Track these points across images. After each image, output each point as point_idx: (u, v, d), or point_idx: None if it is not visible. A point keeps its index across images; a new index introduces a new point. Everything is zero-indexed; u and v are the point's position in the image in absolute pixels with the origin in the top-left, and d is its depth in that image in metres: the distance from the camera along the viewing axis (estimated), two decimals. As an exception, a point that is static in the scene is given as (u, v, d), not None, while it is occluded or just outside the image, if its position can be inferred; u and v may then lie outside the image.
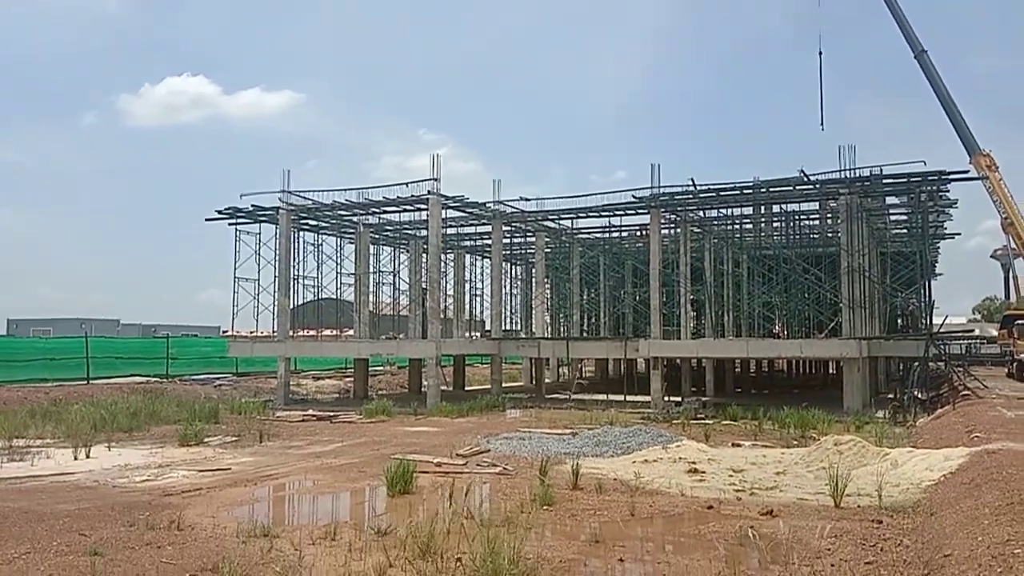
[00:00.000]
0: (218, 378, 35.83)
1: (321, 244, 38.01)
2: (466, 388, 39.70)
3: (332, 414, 25.88)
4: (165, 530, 9.73)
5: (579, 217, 36.89)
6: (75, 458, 16.05)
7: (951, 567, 6.91)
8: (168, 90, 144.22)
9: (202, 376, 35.73)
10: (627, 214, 35.65)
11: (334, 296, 39.61)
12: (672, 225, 35.75)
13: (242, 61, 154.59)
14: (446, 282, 40.76)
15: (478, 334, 45.91)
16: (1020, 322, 35.54)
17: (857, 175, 28.55)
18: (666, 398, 29.70)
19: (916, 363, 29.63)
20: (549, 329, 46.07)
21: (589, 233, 42.58)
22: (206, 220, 35.05)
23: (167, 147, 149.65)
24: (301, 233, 36.53)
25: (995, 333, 53.01)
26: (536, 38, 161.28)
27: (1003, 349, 42.65)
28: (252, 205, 33.73)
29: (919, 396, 27.27)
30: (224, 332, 46.28)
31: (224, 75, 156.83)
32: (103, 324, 69.57)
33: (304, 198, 33.29)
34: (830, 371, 49.09)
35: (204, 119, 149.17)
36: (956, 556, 7.20)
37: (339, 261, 38.64)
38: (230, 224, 34.67)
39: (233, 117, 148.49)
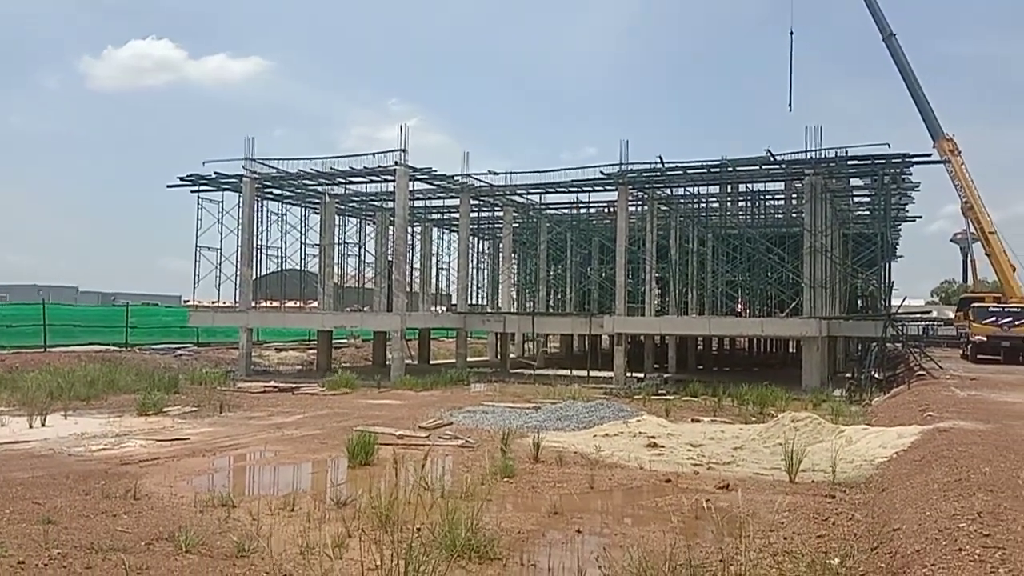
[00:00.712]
0: (178, 348, 35.36)
1: (285, 214, 37.57)
2: (431, 362, 39.69)
3: (294, 386, 25.74)
4: (121, 499, 9.62)
5: (547, 192, 36.90)
6: (30, 426, 15.77)
7: (900, 540, 7.08)
8: (132, 53, 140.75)
9: (162, 346, 35.21)
10: (595, 190, 35.77)
11: (298, 267, 39.20)
12: (639, 203, 35.91)
13: (210, 26, 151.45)
14: (413, 255, 40.62)
15: (444, 308, 45.84)
16: (976, 305, 36.29)
17: (823, 156, 28.85)
18: (629, 374, 29.98)
19: (874, 343, 30.22)
20: (515, 304, 46.16)
21: (557, 209, 42.61)
22: (168, 187, 34.53)
23: (130, 112, 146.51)
24: (265, 202, 36.08)
25: (952, 315, 54.17)
26: (509, 11, 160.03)
27: (959, 331, 43.59)
28: (215, 172, 33.22)
29: (876, 376, 27.87)
30: (185, 301, 45.56)
31: (191, 40, 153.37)
32: (61, 291, 68.13)
33: (268, 166, 32.82)
34: (790, 350, 49.87)
35: (169, 84, 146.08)
36: (905, 530, 7.38)
37: (304, 231, 38.25)
38: (192, 191, 34.10)
39: (199, 83, 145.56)
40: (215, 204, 34.12)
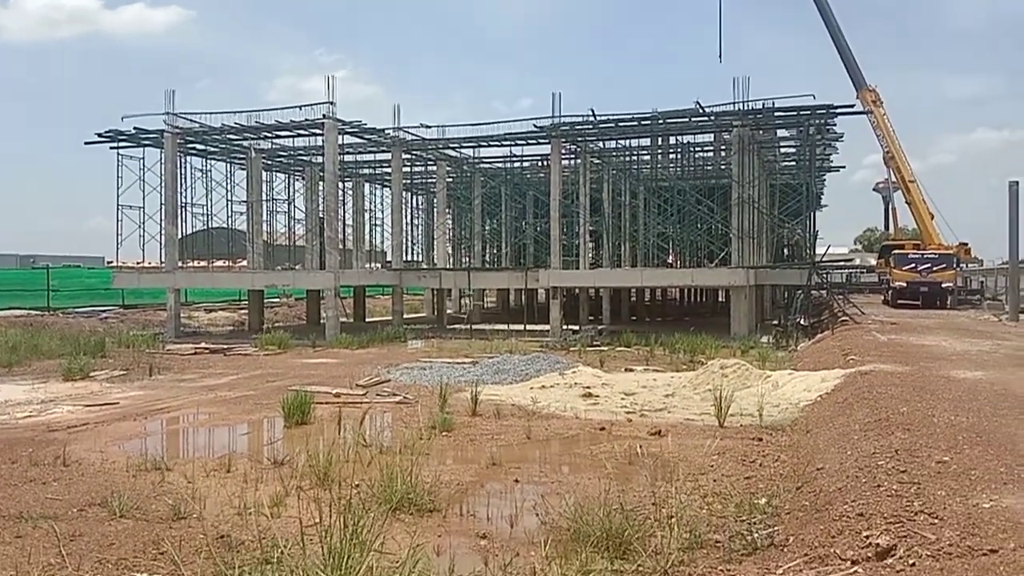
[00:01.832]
0: (104, 311, 34.30)
1: (210, 170, 36.47)
2: (367, 320, 39.43)
3: (226, 347, 25.31)
4: (50, 466, 9.39)
5: (481, 146, 36.70)
6: (-52, 395, 15.20)
7: (823, 479, 7.41)
8: (43, 3, 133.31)
9: (87, 309, 34.10)
10: (528, 144, 35.72)
11: (225, 225, 38.23)
12: (573, 156, 35.96)
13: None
14: (344, 211, 40.04)
15: (379, 265, 45.42)
16: (897, 252, 37.61)
17: (750, 108, 29.30)
18: (564, 327, 30.33)
19: (800, 291, 31.14)
20: (451, 260, 46.04)
21: (491, 163, 42.42)
22: (85, 144, 33.09)
23: (44, 65, 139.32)
24: (189, 158, 34.97)
25: (874, 263, 56.07)
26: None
27: (881, 278, 45.17)
28: (135, 128, 31.95)
29: (801, 322, 28.76)
30: (109, 263, 44.10)
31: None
32: (-25, 255, 65.14)
33: (191, 121, 31.74)
34: (720, 299, 51.07)
35: (84, 35, 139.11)
36: (827, 469, 7.73)
37: (230, 188, 37.28)
38: (111, 148, 32.78)
39: (116, 34, 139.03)
40: (136, 161, 32.95)
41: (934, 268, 34.41)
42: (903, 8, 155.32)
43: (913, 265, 34.84)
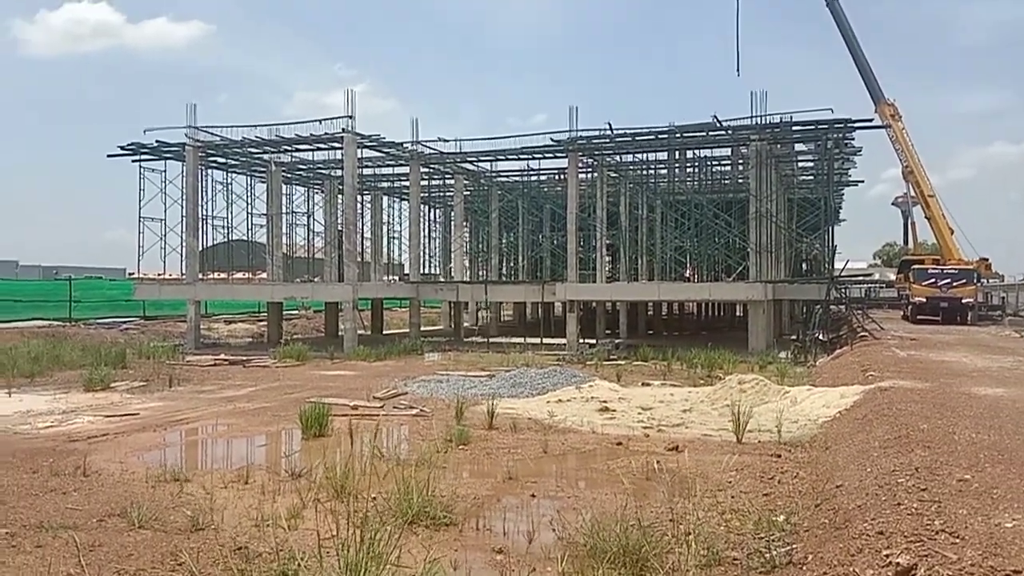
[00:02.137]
0: (125, 322, 34.62)
1: (231, 183, 36.89)
2: (384, 332, 39.55)
3: (245, 358, 25.45)
4: (70, 476, 9.48)
5: (498, 159, 36.74)
6: (-29, 405, 15.39)
7: (842, 496, 7.34)
8: (68, 18, 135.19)
9: (108, 320, 34.43)
10: (545, 158, 35.78)
11: (245, 238, 38.55)
12: (589, 169, 36.03)
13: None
14: (363, 224, 40.24)
15: (396, 277, 45.59)
16: (916, 267, 37.32)
17: (768, 122, 29.25)
18: (581, 340, 30.28)
19: (818, 306, 30.94)
20: (468, 273, 46.13)
21: (508, 176, 42.55)
22: (108, 156, 33.53)
23: (68, 79, 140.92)
24: (209, 171, 35.37)
25: (893, 277, 55.62)
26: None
27: (900, 293, 44.81)
28: (157, 141, 32.37)
29: (820, 337, 28.58)
30: (130, 274, 44.54)
31: (129, 3, 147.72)
32: (1, 266, 66.01)
33: (212, 134, 32.07)
34: (737, 313, 50.81)
35: (107, 49, 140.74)
36: (847, 486, 7.66)
37: (250, 201, 37.59)
38: (133, 161, 33.28)
39: (139, 48, 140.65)
40: (158, 174, 33.45)
41: (954, 283, 34.11)
42: (916, 23, 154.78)
43: (933, 280, 34.55)
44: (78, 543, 6.62)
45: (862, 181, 65.16)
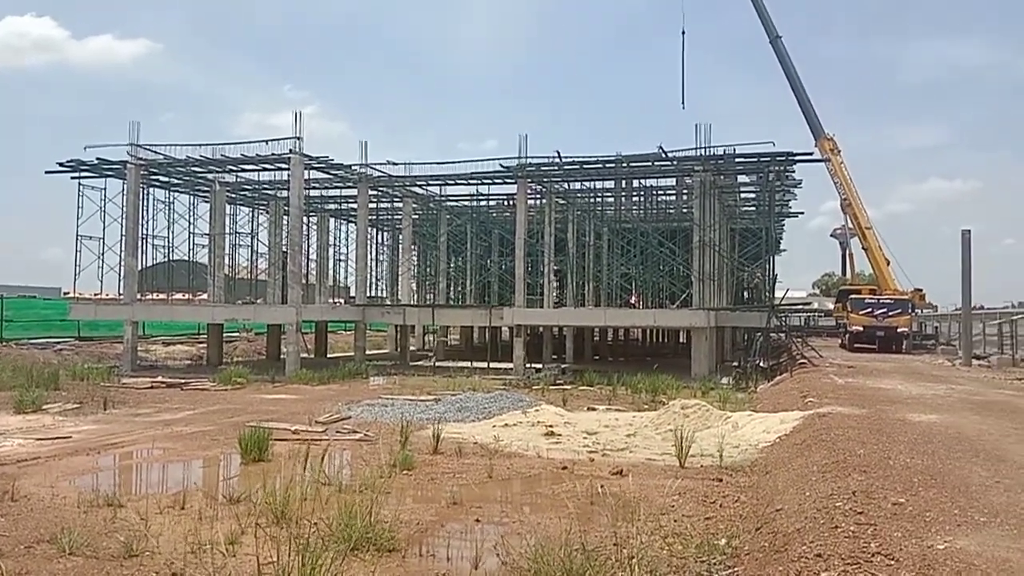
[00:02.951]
0: (59, 342, 33.54)
1: (173, 202, 36.12)
2: (328, 355, 39.06)
3: (183, 381, 24.83)
4: (-4, 502, 9.11)
5: (447, 184, 36.79)
6: None
7: (781, 519, 7.46)
8: (9, 31, 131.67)
9: (41, 340, 33.31)
10: (495, 183, 35.94)
11: (186, 258, 37.79)
12: (538, 196, 36.31)
13: (95, 4, 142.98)
14: (308, 246, 39.77)
15: (342, 300, 45.13)
16: (854, 296, 38.37)
17: (712, 154, 29.90)
18: (528, 365, 30.33)
19: (759, 333, 31.55)
20: (415, 296, 45.93)
21: (457, 201, 42.65)
22: (46, 173, 32.67)
23: (6, 93, 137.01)
24: (151, 190, 34.61)
25: (832, 307, 57.07)
26: (404, 3, 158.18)
27: (838, 322, 45.98)
28: (97, 158, 31.64)
29: (761, 364, 29.12)
30: (65, 293, 43.24)
31: (74, 18, 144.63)
32: (-76, 283, 63.43)
33: (155, 152, 31.48)
34: (681, 340, 51.46)
35: (49, 64, 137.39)
36: (786, 510, 7.79)
37: (192, 221, 36.90)
38: (73, 178, 32.40)
39: (82, 64, 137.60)
40: (98, 191, 32.60)
41: (890, 313, 35.12)
42: (858, 62, 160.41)
43: (870, 310, 35.53)
44: (3, 570, 6.36)
45: (802, 212, 66.93)
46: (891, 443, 10.49)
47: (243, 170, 33.27)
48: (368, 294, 38.81)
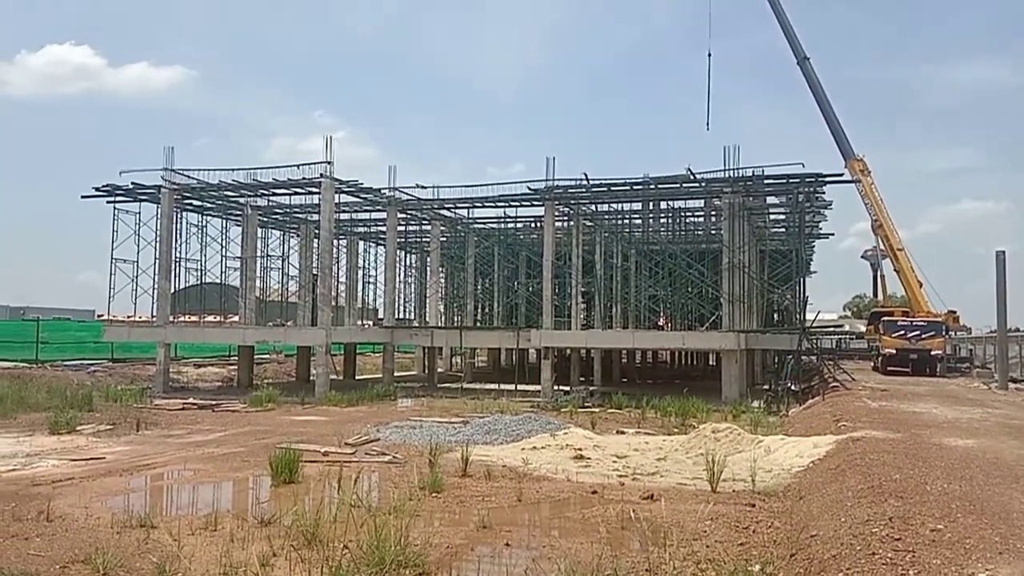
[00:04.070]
0: (92, 364, 34.04)
1: (206, 226, 36.71)
2: (357, 377, 39.19)
3: (214, 403, 25.08)
4: (33, 521, 9.25)
5: (475, 207, 36.98)
6: (-69, 448, 14.98)
7: (816, 546, 7.35)
8: (49, 59, 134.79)
9: (75, 362, 33.85)
10: (522, 206, 36.04)
11: (218, 280, 38.28)
12: (565, 218, 36.37)
13: (132, 32, 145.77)
14: (338, 268, 40.11)
15: (370, 322, 45.38)
16: (886, 319, 37.84)
17: (740, 175, 29.76)
18: (555, 387, 30.22)
19: (790, 356, 31.19)
20: (442, 318, 46.06)
21: (485, 223, 42.82)
22: (83, 197, 33.34)
23: (45, 120, 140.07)
24: (185, 214, 35.20)
25: (863, 329, 56.31)
26: (436, 26, 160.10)
27: (870, 344, 45.31)
28: (132, 183, 32.25)
29: (792, 387, 28.75)
30: (99, 316, 43.94)
31: (112, 46, 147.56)
32: (-35, 306, 64.81)
33: (189, 177, 32.04)
34: (710, 362, 51.02)
35: (87, 91, 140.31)
36: (821, 536, 7.67)
37: (224, 244, 37.41)
38: (108, 202, 33.06)
39: (118, 91, 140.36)
40: (132, 216, 33.18)
41: (923, 336, 34.56)
42: (887, 83, 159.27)
43: (902, 332, 35.00)
44: (40, 591, 6.44)
45: (832, 234, 66.13)
46: (927, 468, 10.31)
47: (275, 194, 33.71)
48: (396, 316, 39.01)
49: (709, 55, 49.58)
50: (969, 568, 5.88)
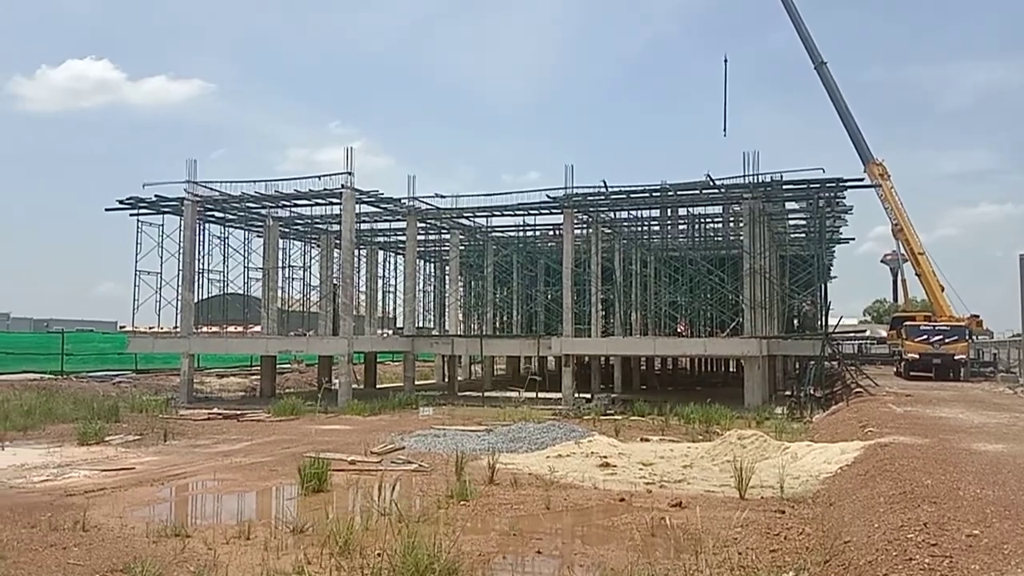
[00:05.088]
0: (117, 375, 34.42)
1: (227, 237, 37.05)
2: (377, 386, 39.36)
3: (239, 412, 25.27)
4: (70, 531, 9.38)
5: (494, 215, 37.08)
6: (-36, 459, 15.21)
7: (851, 552, 7.34)
8: (69, 74, 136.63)
9: (100, 373, 34.25)
10: (541, 214, 36.10)
11: (240, 291, 38.60)
12: (584, 225, 36.37)
13: (151, 46, 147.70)
14: (358, 278, 40.31)
15: (390, 331, 45.56)
16: (908, 324, 37.56)
17: (759, 180, 29.65)
18: (577, 394, 30.20)
19: (812, 362, 31.01)
20: (462, 327, 46.16)
21: (503, 231, 42.92)
22: (106, 210, 33.71)
23: (66, 134, 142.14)
24: (207, 225, 35.53)
25: (885, 334, 55.88)
26: (448, 36, 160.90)
27: (892, 349, 45.00)
28: (155, 195, 32.60)
29: (814, 393, 28.57)
30: (122, 327, 44.38)
31: (131, 61, 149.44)
32: (-9, 318, 65.80)
33: (211, 189, 32.36)
34: (730, 369, 50.80)
35: (107, 105, 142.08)
36: (855, 542, 7.65)
37: (246, 255, 37.75)
38: (131, 215, 33.43)
39: (138, 104, 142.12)
40: (155, 228, 33.53)
41: (946, 340, 34.30)
42: (904, 86, 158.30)
43: (925, 337, 34.75)
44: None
45: (853, 239, 65.74)
46: (959, 473, 10.25)
47: (296, 205, 33.97)
48: (416, 325, 39.14)
49: (725, 60, 49.64)
50: (1009, 574, 5.87)
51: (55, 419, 21.40)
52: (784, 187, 30.54)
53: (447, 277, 43.94)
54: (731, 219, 38.43)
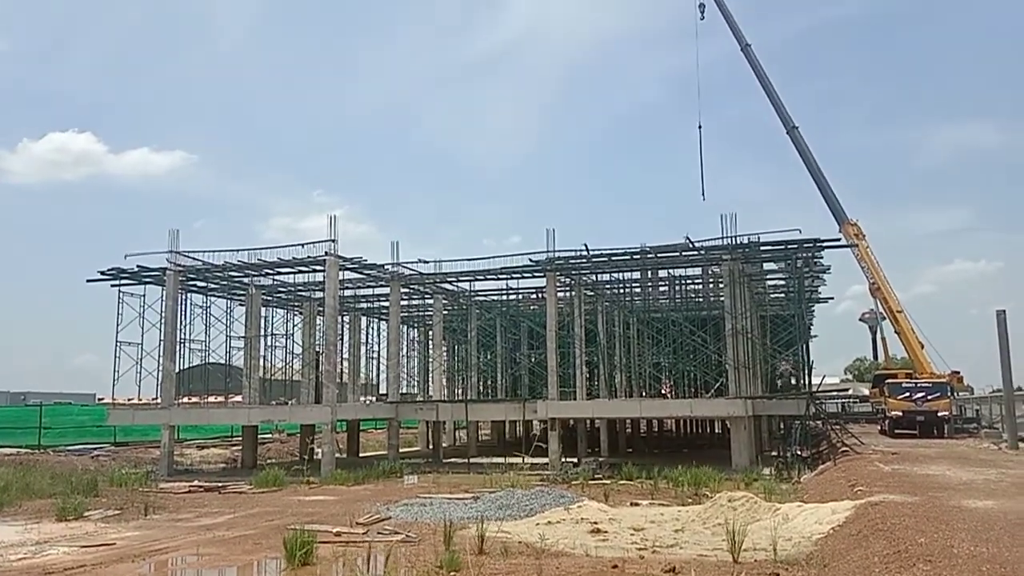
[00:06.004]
0: (95, 448, 33.74)
1: (210, 306, 36.86)
2: (361, 454, 38.79)
3: (221, 484, 24.77)
4: (49, 612, 9.12)
5: (477, 280, 37.24)
6: (-62, 538, 14.79)
7: (847, 615, 7.28)
8: (50, 147, 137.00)
9: (78, 446, 33.54)
10: (524, 277, 36.31)
11: (222, 361, 38.25)
12: (567, 288, 36.60)
13: (133, 119, 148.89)
14: (341, 345, 40.12)
15: (372, 398, 45.17)
16: (891, 381, 37.76)
17: (738, 242, 30.08)
18: (563, 459, 29.94)
19: (796, 421, 31.02)
20: (446, 392, 45.88)
21: (487, 295, 43.07)
22: (88, 281, 33.52)
23: (47, 206, 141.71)
24: (189, 295, 35.36)
25: (867, 392, 56.10)
26: (431, 104, 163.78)
27: (875, 407, 45.10)
28: (138, 266, 32.52)
29: (801, 453, 28.53)
30: (100, 399, 43.82)
31: (113, 133, 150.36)
32: (-35, 392, 64.55)
33: (193, 259, 32.34)
34: (716, 430, 50.68)
35: (88, 178, 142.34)
36: (851, 604, 7.60)
37: (229, 324, 37.52)
38: (113, 286, 33.24)
39: (120, 176, 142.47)
40: (136, 298, 33.34)
41: (929, 397, 34.45)
42: (871, 149, 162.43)
43: (908, 394, 34.90)
44: None
45: (832, 298, 66.50)
46: (951, 531, 10.24)
47: (279, 273, 33.98)
48: (400, 391, 38.88)
49: (700, 128, 50.82)
50: (1008, 633, 5.84)
51: (32, 495, 20.90)
52: (762, 248, 30.98)
53: (431, 342, 43.87)
54: (711, 280, 38.83)
